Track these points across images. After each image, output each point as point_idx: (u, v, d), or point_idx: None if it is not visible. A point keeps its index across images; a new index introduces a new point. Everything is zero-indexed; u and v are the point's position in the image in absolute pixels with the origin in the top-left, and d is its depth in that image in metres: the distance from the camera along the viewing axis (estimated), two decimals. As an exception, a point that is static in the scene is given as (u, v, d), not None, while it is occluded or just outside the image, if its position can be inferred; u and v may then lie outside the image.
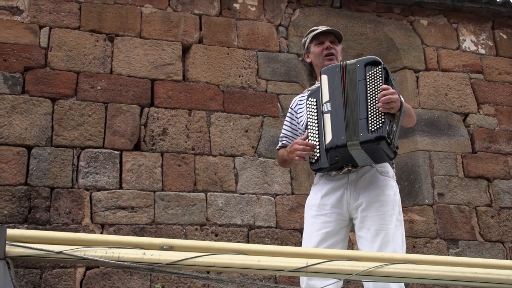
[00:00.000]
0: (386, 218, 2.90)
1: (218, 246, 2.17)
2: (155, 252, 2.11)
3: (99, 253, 2.09)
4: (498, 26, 6.70)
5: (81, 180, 4.73)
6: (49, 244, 2.09)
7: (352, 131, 2.79)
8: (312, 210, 3.06)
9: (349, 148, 2.78)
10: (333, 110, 2.87)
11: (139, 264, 2.07)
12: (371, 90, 2.82)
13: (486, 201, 5.78)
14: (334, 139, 2.81)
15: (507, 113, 6.26)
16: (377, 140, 2.74)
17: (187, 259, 2.12)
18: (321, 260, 2.20)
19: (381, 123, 2.75)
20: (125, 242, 2.15)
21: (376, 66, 2.87)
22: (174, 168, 4.99)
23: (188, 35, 5.51)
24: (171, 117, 5.14)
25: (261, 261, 2.18)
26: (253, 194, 5.11)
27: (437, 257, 2.29)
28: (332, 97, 2.90)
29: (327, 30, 3.26)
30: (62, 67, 5.02)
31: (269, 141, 5.35)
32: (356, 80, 2.86)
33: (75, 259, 2.09)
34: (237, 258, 2.17)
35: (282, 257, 2.23)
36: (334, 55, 3.18)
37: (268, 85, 5.56)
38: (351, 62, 2.94)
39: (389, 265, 2.22)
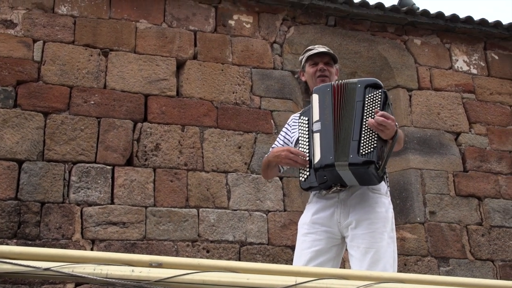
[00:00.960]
0: (376, 235, 2.87)
1: (208, 264, 2.17)
2: (144, 269, 2.10)
3: (87, 270, 2.08)
4: (490, 47, 6.76)
5: (72, 195, 4.71)
6: (37, 261, 2.08)
7: (342, 151, 2.77)
8: (303, 229, 3.06)
9: (337, 168, 2.76)
10: (322, 130, 2.85)
11: (127, 281, 2.06)
12: (367, 112, 2.79)
13: (476, 219, 5.80)
14: (322, 158, 2.79)
15: (498, 132, 6.31)
16: (365, 164, 2.71)
17: (176, 276, 2.11)
18: (310, 278, 2.20)
19: (372, 148, 2.72)
20: (114, 259, 2.14)
21: (376, 89, 2.84)
22: (166, 184, 4.98)
23: (183, 51, 5.53)
24: (164, 133, 5.14)
25: (250, 279, 2.17)
26: (245, 211, 5.10)
27: (426, 276, 2.29)
28: (322, 117, 2.88)
29: (321, 52, 3.27)
30: (55, 81, 5.03)
31: (262, 157, 5.33)
32: (354, 100, 2.83)
33: (63, 276, 2.07)
34: (227, 276, 2.16)
35: (271, 275, 2.22)
36: (327, 77, 3.17)
37: (262, 101, 5.58)
38: (352, 81, 2.92)
39: (378, 284, 2.21)
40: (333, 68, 3.23)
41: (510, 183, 6.06)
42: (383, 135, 2.75)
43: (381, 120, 2.70)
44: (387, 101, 2.87)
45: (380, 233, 2.88)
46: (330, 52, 3.29)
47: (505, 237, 5.78)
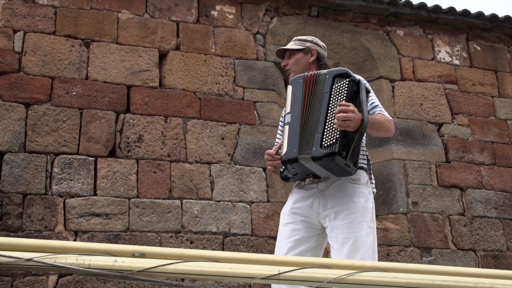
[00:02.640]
0: (355, 225, 2.87)
1: (191, 254, 2.16)
2: (127, 259, 2.09)
3: (69, 260, 2.06)
4: (472, 37, 6.81)
5: (55, 186, 4.67)
6: (19, 251, 2.07)
7: (306, 144, 2.75)
8: (283, 219, 3.08)
9: (301, 161, 2.75)
10: (291, 122, 2.84)
11: (110, 272, 2.05)
12: (333, 103, 2.75)
13: (459, 210, 5.85)
14: (288, 152, 2.78)
15: (480, 123, 6.36)
16: (328, 156, 2.67)
17: (159, 266, 2.10)
18: (292, 267, 2.21)
19: (334, 139, 2.68)
20: (97, 249, 2.13)
21: (343, 78, 2.79)
22: (149, 175, 4.96)
23: (165, 41, 5.49)
24: (147, 124, 5.12)
25: (233, 268, 2.17)
26: (228, 202, 5.10)
27: (408, 265, 2.31)
28: (292, 109, 2.86)
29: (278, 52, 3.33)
30: (37, 72, 4.97)
31: (246, 148, 5.35)
32: (322, 92, 2.80)
33: (45, 267, 2.06)
34: (210, 265, 2.16)
35: (254, 264, 2.23)
36: (289, 70, 3.21)
37: (245, 92, 5.57)
38: (323, 72, 2.89)
39: (360, 273, 2.22)
40: (293, 58, 3.20)
41: (492, 174, 6.13)
42: (349, 129, 2.70)
43: (342, 116, 2.65)
44: (359, 89, 2.81)
45: (359, 223, 2.88)
46: (284, 47, 3.28)
47: (487, 227, 5.85)
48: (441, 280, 2.21)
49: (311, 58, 3.20)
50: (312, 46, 3.24)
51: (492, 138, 6.32)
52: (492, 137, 6.33)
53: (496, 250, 5.76)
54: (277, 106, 5.64)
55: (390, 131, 3.12)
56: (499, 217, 5.95)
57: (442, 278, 2.22)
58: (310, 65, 3.19)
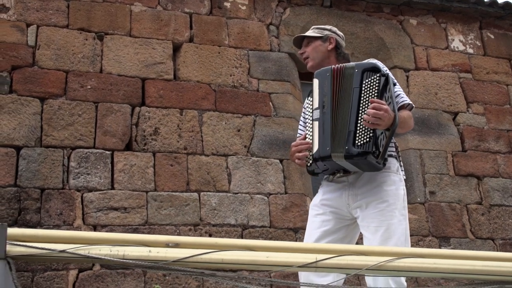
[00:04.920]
0: (386, 213, 2.84)
1: (225, 243, 2.13)
2: (161, 249, 2.06)
3: (103, 251, 2.03)
4: (485, 26, 6.75)
5: (72, 180, 4.64)
6: (52, 243, 2.03)
7: (338, 142, 2.72)
8: (313, 210, 3.05)
9: (334, 159, 2.73)
10: (320, 119, 2.79)
11: (144, 262, 2.02)
12: (364, 100, 2.70)
13: (476, 199, 5.81)
14: (320, 150, 2.75)
15: (495, 112, 6.31)
16: (361, 155, 2.66)
17: (194, 256, 2.07)
18: (330, 255, 2.17)
19: (368, 138, 2.66)
20: (130, 239, 2.10)
21: (374, 73, 2.73)
22: (166, 168, 4.93)
23: (179, 33, 5.45)
24: (162, 117, 5.08)
25: (270, 257, 2.14)
26: (246, 194, 5.06)
27: (447, 251, 2.28)
28: (321, 104, 2.81)
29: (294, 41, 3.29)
30: (51, 66, 4.93)
31: (262, 140, 5.31)
32: (351, 87, 2.74)
33: (79, 258, 2.03)
34: (245, 254, 2.13)
35: (291, 252, 2.20)
36: (307, 58, 3.18)
37: (260, 84, 5.53)
38: (350, 65, 2.83)
39: (398, 259, 2.19)
40: (311, 45, 3.16)
41: (508, 162, 6.08)
42: (380, 127, 2.68)
43: (373, 113, 2.62)
44: (388, 85, 2.77)
45: (390, 210, 2.85)
46: (302, 35, 3.25)
47: (504, 216, 5.80)
48: (482, 266, 2.18)
49: (329, 46, 3.16)
50: (330, 34, 3.21)
51: (507, 127, 6.27)
52: (508, 126, 6.28)
53: (515, 238, 5.73)
54: (292, 97, 5.60)
55: (411, 127, 3.11)
56: (516, 206, 5.91)
57: (483, 263, 2.19)
58: (328, 53, 3.15)
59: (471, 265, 2.21)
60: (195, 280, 4.63)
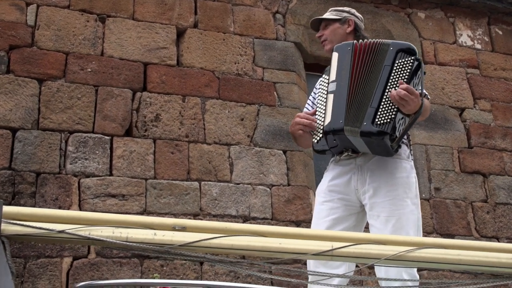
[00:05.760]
0: (397, 202, 2.71)
1: (236, 228, 2.01)
2: (167, 233, 1.93)
3: (105, 233, 1.90)
4: (494, 22, 6.63)
5: (69, 165, 4.49)
6: (49, 223, 1.89)
7: (355, 116, 2.60)
8: (320, 197, 2.92)
9: (346, 134, 2.61)
10: (336, 91, 2.69)
11: (149, 246, 1.89)
12: (393, 80, 2.59)
13: (482, 196, 5.69)
14: (332, 122, 2.64)
15: (502, 109, 6.19)
16: (378, 134, 2.55)
17: (202, 240, 1.94)
18: (347, 243, 2.05)
19: (389, 119, 2.55)
20: (134, 221, 1.96)
21: (409, 55, 2.63)
22: (167, 156, 4.78)
23: (183, 18, 5.30)
24: (164, 103, 4.93)
25: (283, 243, 2.02)
26: (248, 185, 4.92)
27: (471, 242, 2.15)
28: (339, 77, 2.71)
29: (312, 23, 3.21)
30: (50, 47, 4.77)
31: (265, 130, 5.17)
32: (382, 63, 2.64)
33: (79, 239, 1.89)
34: (257, 240, 2.01)
35: (306, 240, 2.07)
36: (325, 40, 3.08)
37: (265, 73, 5.38)
38: (385, 41, 2.72)
39: (420, 250, 2.07)
40: (329, 28, 3.06)
41: (514, 160, 5.97)
42: (404, 110, 2.56)
43: (403, 94, 2.50)
44: (419, 71, 2.66)
45: (401, 199, 2.72)
46: (320, 17, 3.15)
47: (510, 215, 5.69)
48: (507, 258, 2.06)
49: (348, 29, 3.06)
50: (349, 17, 3.10)
51: (514, 124, 6.16)
52: (515, 123, 6.17)
53: (520, 238, 5.61)
54: (297, 87, 5.46)
55: (426, 116, 3.00)
56: (522, 205, 5.80)
57: (509, 256, 2.07)
58: (347, 36, 3.05)
59: (497, 257, 2.09)
60: (193, 272, 4.50)
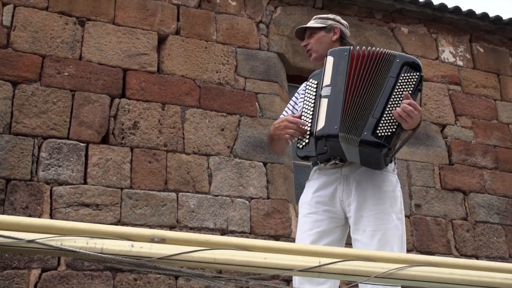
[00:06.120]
0: (383, 217, 2.62)
1: (218, 241, 1.89)
2: (145, 244, 1.81)
3: (79, 244, 1.77)
4: (475, 39, 6.65)
5: (42, 172, 4.32)
6: (18, 231, 1.75)
7: (354, 124, 2.52)
8: (303, 209, 2.81)
9: (341, 140, 2.52)
10: (331, 96, 2.59)
11: (126, 258, 1.76)
12: (397, 93, 2.53)
13: (462, 214, 5.65)
14: (326, 127, 2.54)
15: (483, 126, 6.19)
16: (378, 146, 2.48)
17: (183, 253, 1.82)
18: (335, 259, 1.94)
19: (390, 132, 2.48)
20: (110, 232, 1.83)
21: (414, 71, 2.58)
22: (144, 165, 4.63)
23: (165, 25, 5.18)
24: (143, 110, 4.79)
25: (268, 258, 1.90)
26: (227, 197, 4.80)
27: (465, 261, 2.06)
28: (334, 82, 2.62)
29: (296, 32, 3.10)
30: (26, 49, 4.61)
31: (246, 141, 5.06)
32: (386, 74, 2.56)
33: (50, 250, 1.75)
34: (240, 254, 1.89)
35: (292, 255, 1.96)
36: (310, 50, 2.99)
37: (247, 83, 5.29)
38: (392, 52, 2.65)
39: (411, 267, 1.97)
40: (315, 37, 2.96)
41: (494, 178, 5.94)
42: (405, 125, 2.49)
43: (409, 110, 2.43)
44: (420, 86, 2.61)
45: (387, 214, 2.64)
46: (304, 26, 3.05)
47: (489, 233, 5.65)
48: (502, 278, 1.98)
49: (334, 37, 2.97)
50: (334, 24, 3.01)
51: (494, 142, 6.15)
52: (495, 141, 6.16)
53: (499, 257, 5.57)
54: (279, 98, 5.37)
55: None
56: (501, 223, 5.77)
57: (503, 276, 1.99)
58: (333, 44, 2.96)
59: (491, 277, 2.00)
60: (167, 286, 4.34)
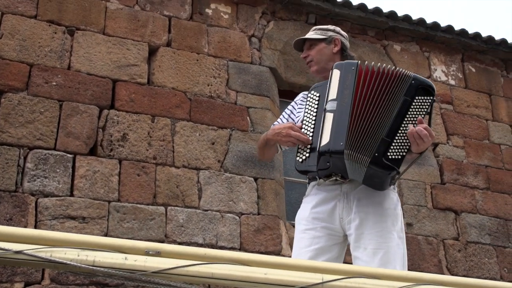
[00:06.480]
0: (385, 235, 2.54)
1: (216, 255, 1.80)
2: (140, 257, 1.71)
3: (69, 255, 1.67)
4: (467, 59, 6.65)
5: (27, 183, 4.18)
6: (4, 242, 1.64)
7: (363, 143, 2.44)
8: (301, 225, 2.71)
9: (346, 157, 2.44)
10: (337, 111, 2.50)
11: (119, 271, 1.66)
12: (410, 115, 2.47)
13: (453, 234, 5.58)
14: (331, 143, 2.45)
15: (474, 146, 6.16)
16: (388, 169, 2.41)
17: (179, 267, 1.73)
18: (339, 276, 1.86)
19: (400, 156, 2.42)
20: (102, 244, 1.74)
21: (428, 95, 2.51)
22: (132, 178, 4.51)
23: (156, 36, 5.10)
24: (132, 122, 4.68)
25: (268, 274, 1.81)
26: (217, 212, 4.68)
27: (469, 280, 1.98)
28: (340, 97, 2.52)
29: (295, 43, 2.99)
30: (14, 57, 4.50)
31: (237, 156, 4.96)
32: (401, 95, 2.49)
33: (38, 262, 1.64)
34: (240, 269, 1.80)
35: (293, 270, 1.87)
36: (310, 61, 2.89)
37: (238, 96, 5.21)
38: (408, 72, 2.58)
39: (418, 286, 1.89)
40: (315, 48, 2.88)
41: (486, 199, 5.90)
42: (415, 148, 2.43)
43: (424, 134, 2.36)
44: (431, 110, 2.56)
45: (389, 232, 2.56)
46: (304, 37, 2.96)
47: (480, 254, 5.59)
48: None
49: (334, 48, 2.90)
50: (335, 36, 2.94)
51: (486, 162, 6.12)
52: (486, 161, 6.13)
53: (490, 278, 5.49)
54: (270, 113, 5.29)
55: None
56: (492, 244, 5.71)
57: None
58: (333, 56, 2.88)
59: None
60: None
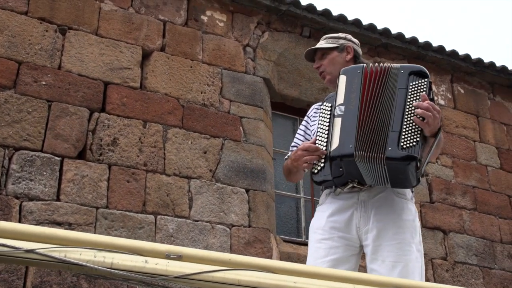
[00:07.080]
0: (404, 247, 2.46)
1: (242, 261, 1.68)
2: (161, 261, 1.60)
3: (85, 256, 1.54)
4: (456, 80, 6.68)
5: (11, 185, 3.97)
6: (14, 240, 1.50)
7: (372, 142, 2.37)
8: (316, 234, 2.60)
9: (357, 159, 2.36)
10: (345, 115, 2.45)
11: (139, 275, 1.53)
12: (411, 102, 2.41)
13: (441, 254, 5.54)
14: (341, 146, 2.39)
15: (462, 166, 6.15)
16: (406, 159, 2.31)
17: (203, 272, 1.60)
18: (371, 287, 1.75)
19: (415, 142, 2.32)
20: (120, 245, 1.61)
21: (422, 78, 2.48)
22: (122, 184, 4.34)
23: (150, 40, 4.97)
24: (123, 127, 4.52)
25: (298, 283, 1.70)
26: (207, 222, 4.54)
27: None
28: (347, 100, 2.47)
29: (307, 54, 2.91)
30: (2, 53, 4.31)
31: (229, 166, 4.84)
32: (395, 87, 2.46)
33: (51, 262, 1.51)
34: (268, 276, 1.69)
35: (323, 279, 1.76)
36: (323, 72, 2.82)
37: (232, 106, 5.09)
38: (395, 65, 2.55)
39: (453, 301, 1.78)
40: (327, 58, 2.80)
41: (473, 219, 5.88)
42: (427, 129, 2.34)
43: (426, 107, 2.31)
44: (431, 93, 2.49)
45: (408, 244, 2.47)
46: (315, 47, 2.88)
47: (467, 275, 5.55)
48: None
49: (347, 56, 2.82)
50: (347, 43, 2.86)
51: (473, 183, 6.12)
52: (474, 182, 6.12)
53: (477, 300, 5.46)
54: (263, 124, 5.19)
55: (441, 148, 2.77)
56: (479, 265, 5.68)
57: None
58: (346, 64, 2.80)
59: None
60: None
